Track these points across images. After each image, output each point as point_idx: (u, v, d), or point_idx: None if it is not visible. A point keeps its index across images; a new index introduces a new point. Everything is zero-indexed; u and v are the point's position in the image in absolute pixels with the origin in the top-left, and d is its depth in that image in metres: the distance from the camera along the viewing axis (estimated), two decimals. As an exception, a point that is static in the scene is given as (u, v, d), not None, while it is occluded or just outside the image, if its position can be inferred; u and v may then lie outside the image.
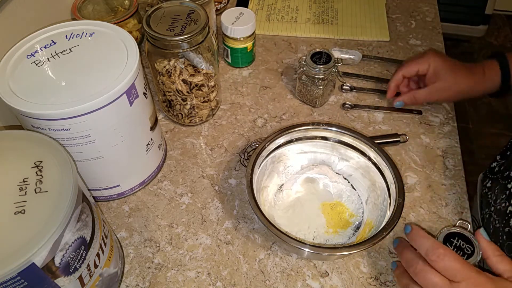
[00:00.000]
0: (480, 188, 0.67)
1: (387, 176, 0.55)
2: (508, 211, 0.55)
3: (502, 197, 0.58)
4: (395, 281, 0.53)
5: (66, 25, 0.54)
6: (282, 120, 0.71)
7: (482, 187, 0.66)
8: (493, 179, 0.63)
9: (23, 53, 0.51)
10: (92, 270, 0.43)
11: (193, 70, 0.62)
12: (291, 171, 0.62)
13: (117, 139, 0.52)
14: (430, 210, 0.60)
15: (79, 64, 0.50)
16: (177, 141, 0.68)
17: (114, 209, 0.60)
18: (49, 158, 0.40)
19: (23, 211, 0.36)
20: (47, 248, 0.35)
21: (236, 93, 0.75)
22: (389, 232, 0.49)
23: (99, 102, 0.46)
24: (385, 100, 0.73)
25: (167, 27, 0.58)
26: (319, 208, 0.59)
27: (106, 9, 0.77)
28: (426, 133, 0.69)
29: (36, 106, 0.45)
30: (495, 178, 0.62)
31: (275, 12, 0.90)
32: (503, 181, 0.59)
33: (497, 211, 0.57)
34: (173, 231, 0.58)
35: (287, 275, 0.54)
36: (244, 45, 0.75)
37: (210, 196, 0.61)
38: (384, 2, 0.91)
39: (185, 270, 0.54)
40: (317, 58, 0.67)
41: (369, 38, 0.84)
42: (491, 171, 0.65)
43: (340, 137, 0.59)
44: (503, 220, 0.55)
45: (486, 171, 0.66)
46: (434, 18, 0.89)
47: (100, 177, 0.56)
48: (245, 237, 0.57)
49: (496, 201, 0.59)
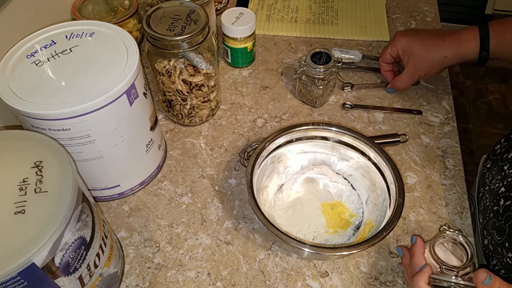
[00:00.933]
0: (481, 168, 0.69)
1: (387, 176, 0.55)
2: (500, 191, 0.57)
3: (497, 177, 0.59)
4: (395, 281, 0.53)
5: (66, 25, 0.54)
6: (282, 120, 0.71)
7: (483, 168, 0.67)
8: (493, 160, 0.64)
9: (23, 53, 0.51)
10: (92, 270, 0.43)
11: (193, 70, 0.62)
12: (291, 171, 0.62)
13: (117, 139, 0.52)
14: (430, 210, 0.60)
15: (79, 64, 0.50)
16: (177, 141, 0.68)
17: (114, 209, 0.60)
18: (49, 158, 0.40)
19: (23, 211, 0.36)
20: (47, 248, 0.35)
21: (236, 93, 0.75)
22: (389, 232, 0.49)
23: (99, 102, 0.46)
24: (387, 101, 0.73)
25: (167, 27, 0.58)
26: (319, 208, 0.59)
27: (106, 9, 0.77)
28: (426, 133, 0.69)
29: (36, 106, 0.45)
30: (495, 160, 0.63)
31: (275, 12, 0.90)
32: (501, 163, 0.60)
33: (490, 191, 0.59)
34: (173, 231, 0.58)
35: (287, 275, 0.54)
36: (244, 45, 0.75)
37: (210, 196, 0.61)
38: (384, 2, 0.91)
39: (185, 270, 0.54)
40: (317, 58, 0.67)
41: (369, 38, 0.84)
42: (494, 153, 0.66)
43: (340, 137, 0.59)
44: (494, 199, 0.57)
45: (490, 153, 0.67)
46: (434, 18, 0.89)
47: (100, 177, 0.56)
48: (245, 237, 0.57)
49: (492, 181, 0.60)
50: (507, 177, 0.58)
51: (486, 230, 0.57)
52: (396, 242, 0.56)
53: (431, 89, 0.75)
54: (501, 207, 0.55)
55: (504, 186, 0.57)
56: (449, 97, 0.74)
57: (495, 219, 0.56)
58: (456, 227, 0.58)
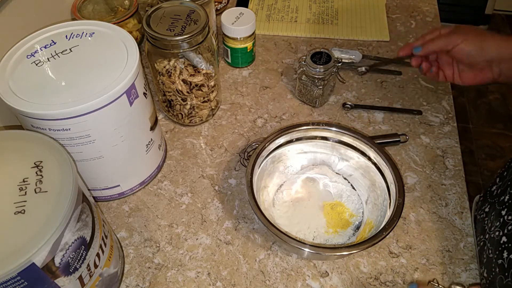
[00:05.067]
0: (475, 210, 0.63)
1: (387, 176, 0.55)
2: (502, 241, 0.52)
3: (496, 224, 0.55)
4: (395, 281, 0.53)
5: (66, 25, 0.54)
6: (282, 120, 0.71)
7: (480, 212, 0.61)
8: (491, 203, 0.59)
9: (23, 53, 0.51)
10: (92, 270, 0.43)
11: (193, 70, 0.62)
12: (291, 171, 0.62)
13: (117, 139, 0.52)
14: (430, 210, 0.60)
15: (79, 64, 0.50)
16: (177, 141, 0.68)
17: (114, 209, 0.60)
18: (49, 158, 0.40)
19: (23, 211, 0.36)
20: (47, 248, 0.35)
21: (236, 93, 0.75)
22: (389, 232, 0.49)
23: (99, 102, 0.46)
24: (387, 101, 0.73)
25: (167, 27, 0.58)
26: (319, 208, 0.59)
27: (106, 9, 0.77)
28: (426, 133, 0.69)
29: (36, 106, 0.45)
30: (493, 203, 0.58)
31: (275, 12, 0.90)
32: (499, 207, 0.56)
33: (491, 240, 0.54)
34: (173, 231, 0.58)
35: (287, 275, 0.54)
36: (244, 45, 0.75)
37: (210, 196, 0.61)
38: (384, 2, 0.91)
39: (185, 270, 0.54)
40: (317, 58, 0.67)
41: (369, 38, 0.84)
42: (491, 195, 0.60)
43: (340, 137, 0.59)
44: (496, 251, 0.52)
45: (486, 194, 0.62)
46: (434, 18, 0.89)
47: (100, 177, 0.56)
48: (245, 237, 0.57)
49: (491, 228, 0.56)
50: (506, 224, 0.53)
51: (493, 287, 0.52)
52: (396, 242, 0.56)
53: (431, 89, 0.75)
54: (506, 261, 0.51)
55: (505, 235, 0.52)
56: (449, 97, 0.74)
57: (501, 275, 0.51)
58: (456, 227, 0.58)
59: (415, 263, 0.55)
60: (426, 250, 0.56)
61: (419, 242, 0.56)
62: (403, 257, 0.55)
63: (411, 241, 0.57)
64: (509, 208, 0.54)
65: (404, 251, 0.56)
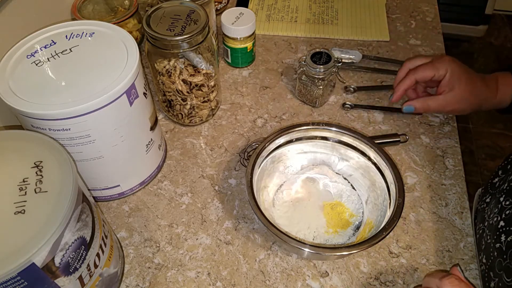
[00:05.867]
0: (477, 203, 0.64)
1: (387, 176, 0.55)
2: (499, 226, 0.53)
3: (495, 211, 0.55)
4: (395, 281, 0.53)
5: (66, 25, 0.54)
6: (282, 120, 0.71)
7: (481, 203, 0.62)
8: (492, 194, 0.60)
9: (23, 53, 0.51)
10: (92, 270, 0.43)
11: (193, 70, 0.62)
12: (291, 171, 0.62)
13: (117, 139, 0.52)
14: (430, 210, 0.60)
15: (79, 64, 0.50)
16: (177, 141, 0.68)
17: (114, 209, 0.60)
18: (49, 158, 0.40)
19: (23, 211, 0.36)
20: (47, 248, 0.35)
21: (236, 93, 0.75)
22: (389, 232, 0.49)
23: (99, 102, 0.46)
24: (387, 101, 0.73)
25: (167, 27, 0.58)
26: (319, 208, 0.59)
27: (106, 9, 0.77)
28: (426, 133, 0.69)
29: (36, 106, 0.45)
30: (493, 193, 0.59)
31: (275, 12, 0.90)
32: (498, 195, 0.57)
33: (490, 226, 0.55)
34: (173, 231, 0.58)
35: (287, 275, 0.54)
36: (244, 45, 0.75)
37: (210, 196, 0.61)
38: (384, 2, 0.91)
39: (185, 270, 0.54)
40: (317, 58, 0.67)
41: (369, 38, 0.84)
42: (492, 187, 0.61)
43: (340, 137, 0.59)
44: (494, 235, 0.53)
45: (488, 186, 0.63)
46: (434, 18, 0.89)
47: (100, 177, 0.56)
48: (245, 237, 0.57)
49: (490, 215, 0.56)
50: (504, 209, 0.54)
51: (493, 271, 0.52)
52: (396, 242, 0.56)
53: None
54: (504, 244, 0.51)
55: (503, 220, 0.53)
56: (449, 97, 0.74)
57: (500, 258, 0.51)
58: (456, 227, 0.58)
59: (415, 263, 0.55)
60: (426, 250, 0.56)
61: (419, 242, 0.56)
62: (403, 257, 0.55)
63: (411, 241, 0.57)
64: (507, 194, 0.54)
65: (404, 251, 0.56)
